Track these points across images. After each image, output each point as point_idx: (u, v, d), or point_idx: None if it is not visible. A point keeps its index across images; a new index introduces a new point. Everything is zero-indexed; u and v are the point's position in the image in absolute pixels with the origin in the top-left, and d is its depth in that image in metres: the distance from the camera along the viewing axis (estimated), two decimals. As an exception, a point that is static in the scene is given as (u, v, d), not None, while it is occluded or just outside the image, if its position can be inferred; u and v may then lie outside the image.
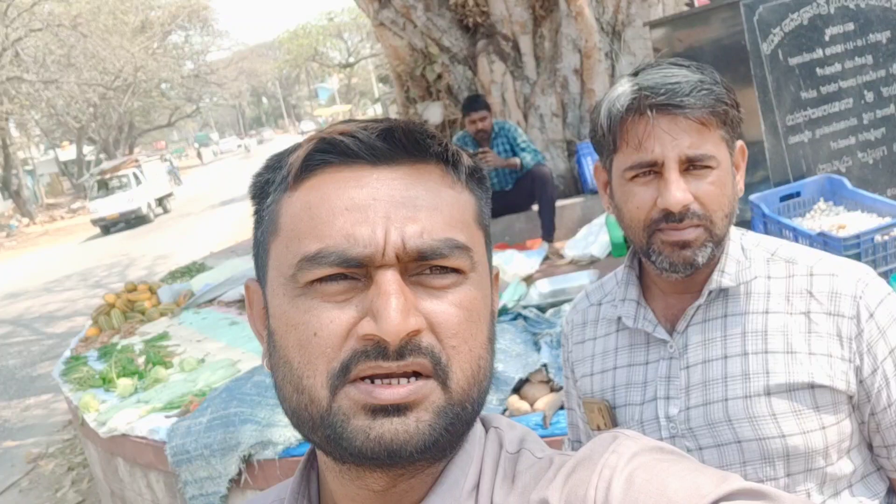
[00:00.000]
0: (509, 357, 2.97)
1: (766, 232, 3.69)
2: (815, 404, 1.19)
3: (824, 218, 3.59)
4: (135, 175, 27.86)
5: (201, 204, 28.02)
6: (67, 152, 45.24)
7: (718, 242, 1.21)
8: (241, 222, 18.24)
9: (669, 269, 1.21)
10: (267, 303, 0.70)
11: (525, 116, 6.70)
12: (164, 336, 5.66)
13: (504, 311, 3.58)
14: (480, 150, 5.68)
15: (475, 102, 5.82)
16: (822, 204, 3.67)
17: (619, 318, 1.34)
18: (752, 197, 3.75)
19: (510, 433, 0.73)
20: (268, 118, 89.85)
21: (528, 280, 4.70)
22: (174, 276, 8.18)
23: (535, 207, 5.79)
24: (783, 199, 3.71)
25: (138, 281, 7.05)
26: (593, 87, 6.21)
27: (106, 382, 4.76)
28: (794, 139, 3.87)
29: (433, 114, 6.92)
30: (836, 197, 3.67)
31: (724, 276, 1.24)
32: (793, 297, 1.23)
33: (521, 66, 6.72)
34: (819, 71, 3.88)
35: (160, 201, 29.61)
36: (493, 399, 2.84)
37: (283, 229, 0.68)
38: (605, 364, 1.36)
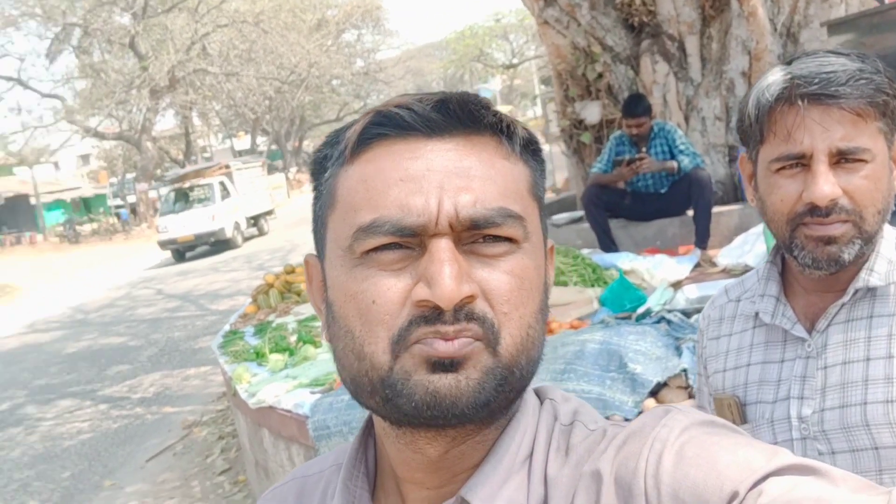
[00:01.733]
0: (649, 360, 2.87)
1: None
2: None
3: None
4: (222, 185, 22.60)
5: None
6: (242, 142, 48.09)
7: (868, 240, 1.15)
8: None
9: (812, 266, 1.15)
10: (325, 275, 0.72)
11: (686, 119, 6.47)
12: (316, 317, 5.85)
13: (647, 313, 3.45)
14: (637, 156, 5.54)
15: (635, 108, 5.69)
16: None
17: (757, 314, 1.29)
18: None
19: (564, 405, 0.75)
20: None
21: (677, 286, 4.52)
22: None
23: (690, 212, 5.57)
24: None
25: (298, 265, 7.34)
26: (762, 90, 5.89)
27: (259, 357, 4.98)
28: None
29: (591, 113, 6.81)
30: None
31: (873, 274, 1.17)
32: None
33: (686, 68, 6.50)
34: None
35: (255, 220, 24.40)
36: (628, 401, 2.75)
37: (339, 202, 0.70)
38: (739, 360, 1.31)
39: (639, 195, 5.80)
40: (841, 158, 1.11)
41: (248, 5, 30.64)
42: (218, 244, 21.09)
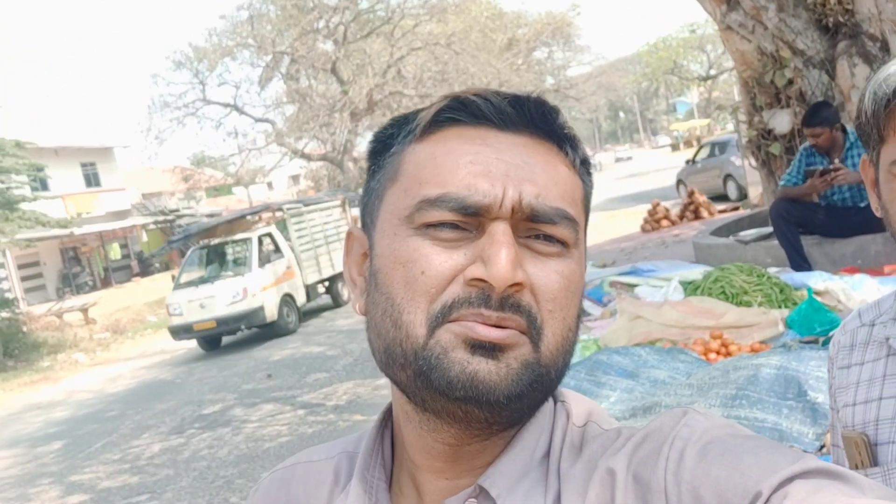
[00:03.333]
0: (833, 389, 2.63)
1: None
2: None
3: None
4: (268, 239, 15.53)
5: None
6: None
7: None
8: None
9: None
10: (373, 246, 0.73)
11: (892, 125, 5.92)
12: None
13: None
14: (832, 166, 5.15)
15: (813, 117, 5.35)
16: None
17: (888, 339, 1.13)
18: None
19: (577, 407, 0.74)
20: (623, 132, 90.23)
21: (878, 309, 4.14)
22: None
23: (898, 229, 5.08)
24: None
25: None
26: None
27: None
28: None
29: (781, 122, 6.41)
30: None
31: None
32: None
33: (890, 69, 5.92)
34: None
35: (329, 285, 16.66)
36: (809, 432, 2.55)
37: (403, 175, 0.71)
38: (871, 393, 1.15)
39: (834, 209, 5.39)
40: None
41: (440, 28, 31.62)
42: (260, 326, 14.35)
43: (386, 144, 0.75)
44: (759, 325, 4.01)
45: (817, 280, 4.55)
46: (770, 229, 5.96)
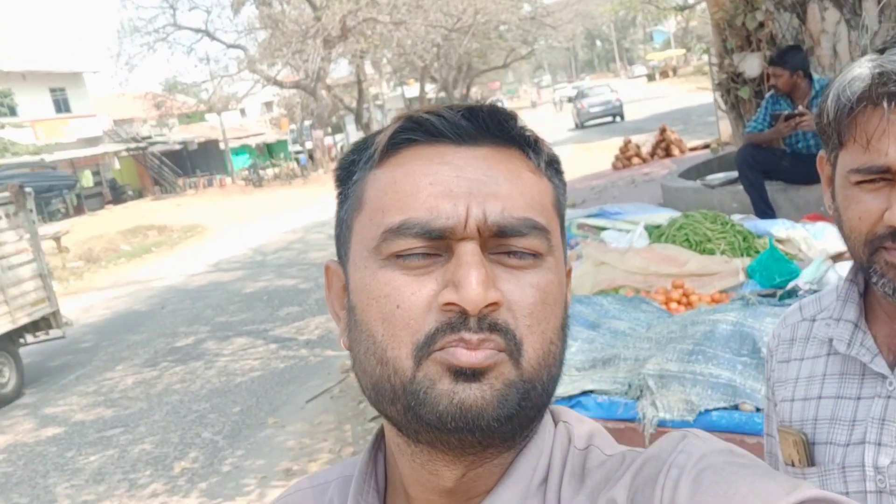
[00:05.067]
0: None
1: None
2: None
3: None
4: None
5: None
6: (412, 89, 48.85)
7: None
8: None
9: (893, 295, 1.00)
10: (348, 279, 0.72)
11: (861, 72, 5.92)
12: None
13: (792, 294, 3.26)
14: (798, 111, 5.17)
15: (777, 57, 5.40)
16: None
17: (832, 340, 1.13)
18: None
19: (579, 428, 0.73)
20: (599, 62, 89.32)
21: (837, 259, 4.22)
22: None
23: (861, 176, 5.14)
24: None
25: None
26: (953, 38, 5.30)
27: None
28: None
29: (750, 66, 6.39)
30: None
31: None
32: None
33: (860, 14, 5.89)
34: None
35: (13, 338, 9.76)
36: (762, 388, 2.61)
37: (367, 204, 0.70)
38: (810, 391, 1.16)
39: (799, 156, 5.42)
40: None
41: (416, -47, 30.81)
42: None
43: (349, 172, 0.75)
44: (721, 274, 4.08)
45: (780, 228, 4.61)
46: (737, 174, 6.01)
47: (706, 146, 11.50)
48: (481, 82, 57.68)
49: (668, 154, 11.95)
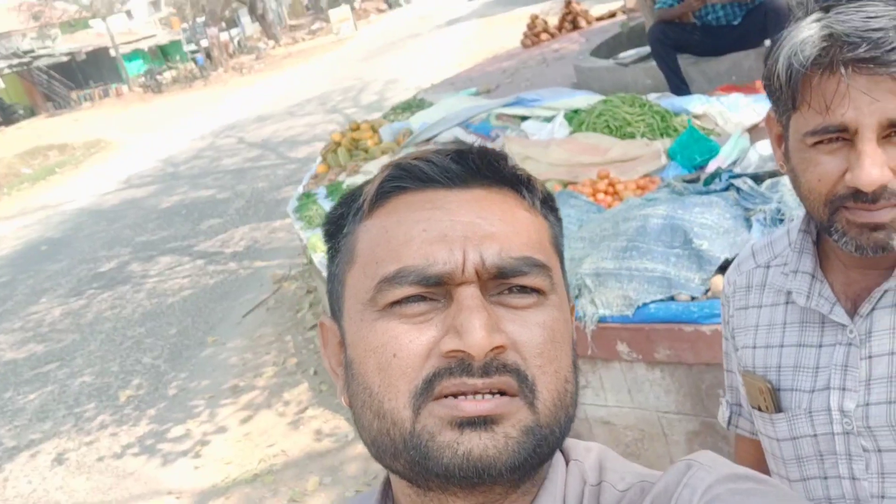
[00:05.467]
0: (716, 234, 2.80)
1: None
2: None
3: None
4: None
5: (429, 23, 28.04)
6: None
7: None
8: (465, 43, 18.23)
9: (855, 251, 1.02)
10: (344, 335, 0.70)
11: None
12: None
13: (715, 176, 3.36)
14: None
15: None
16: None
17: (790, 293, 1.16)
18: None
19: (587, 460, 0.71)
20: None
21: (753, 130, 4.35)
22: (395, 111, 8.43)
23: (768, 43, 5.22)
24: None
25: (363, 122, 7.35)
26: None
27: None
28: None
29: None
30: None
31: None
32: None
33: None
34: None
35: None
36: (695, 278, 2.74)
37: (359, 256, 0.69)
38: (771, 339, 1.19)
39: (710, 29, 5.47)
40: (891, 132, 0.95)
41: None
42: None
43: (338, 226, 0.73)
44: (643, 158, 4.17)
45: (696, 104, 4.70)
46: (649, 49, 6.03)
47: (612, 15, 11.42)
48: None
49: (575, 27, 11.85)
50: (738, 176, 3.16)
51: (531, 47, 11.98)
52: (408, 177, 0.68)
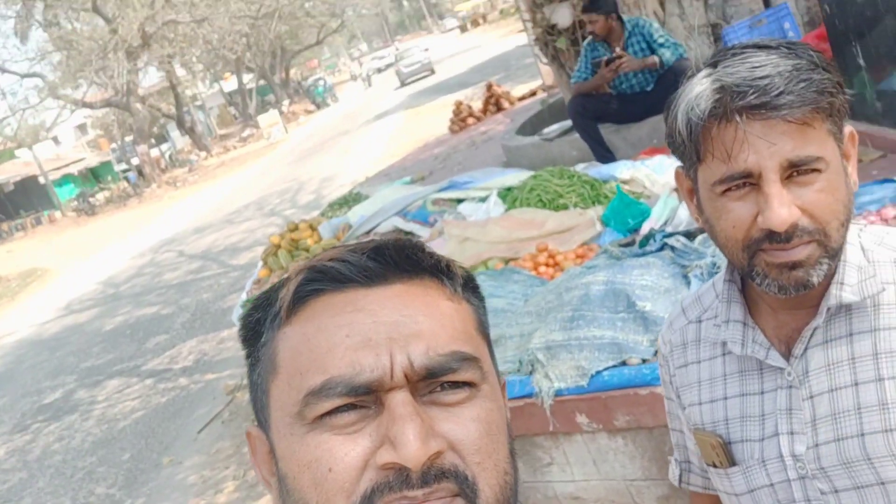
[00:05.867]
0: (657, 294, 2.85)
1: None
2: None
3: None
4: None
5: (357, 120, 28.53)
6: (230, 83, 47.36)
7: (835, 255, 1.03)
8: (395, 135, 18.54)
9: (779, 292, 1.04)
10: (273, 446, 0.68)
11: (662, 4, 6.25)
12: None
13: (650, 237, 3.44)
14: (616, 54, 5.40)
15: (588, 2, 5.59)
16: None
17: (725, 344, 1.17)
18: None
19: None
20: (411, 21, 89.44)
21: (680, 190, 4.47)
22: (333, 208, 8.48)
23: (681, 105, 5.44)
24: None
25: (301, 221, 7.37)
26: (736, -38, 5.67)
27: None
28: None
29: (561, 16, 6.59)
30: None
31: (845, 289, 1.06)
32: None
33: (656, -47, 6.19)
34: None
35: None
36: (643, 340, 2.76)
37: (282, 367, 0.66)
38: (714, 393, 1.20)
39: (625, 97, 5.68)
40: (793, 171, 0.99)
41: (204, -54, 29.66)
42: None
43: (255, 332, 0.70)
44: (579, 227, 4.25)
45: (622, 170, 4.84)
46: (571, 123, 6.23)
47: (533, 93, 11.81)
48: (298, 63, 56.60)
49: (499, 108, 12.21)
50: (671, 235, 3.24)
51: (459, 132, 12.28)
52: (324, 279, 0.66)
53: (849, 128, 1.07)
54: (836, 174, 1.02)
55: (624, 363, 2.71)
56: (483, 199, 5.43)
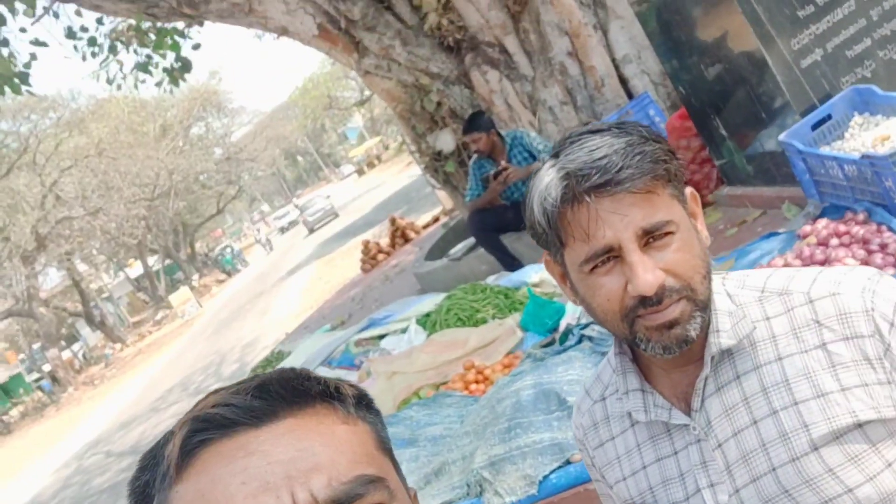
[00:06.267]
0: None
1: (809, 169, 3.49)
2: (871, 442, 1.05)
3: (865, 133, 3.37)
4: None
5: (270, 279, 28.39)
6: (135, 269, 46.76)
7: (705, 307, 1.10)
8: (309, 287, 18.49)
9: (664, 353, 1.09)
10: None
11: (534, 114, 6.56)
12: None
13: (568, 333, 3.46)
14: (501, 167, 5.60)
15: (469, 125, 5.80)
16: (857, 118, 3.46)
17: (630, 414, 1.21)
18: (782, 136, 3.56)
19: None
20: (308, 175, 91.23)
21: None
22: (257, 371, 8.28)
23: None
24: (815, 126, 3.51)
25: (232, 376, 7.15)
26: (593, 63, 6.04)
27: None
28: (807, 61, 3.66)
29: (445, 142, 6.85)
30: (870, 107, 3.45)
31: (721, 335, 1.11)
32: (801, 333, 1.09)
33: (515, 67, 6.57)
34: (808, -17, 3.66)
35: None
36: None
37: None
38: (634, 464, 1.23)
39: (518, 205, 5.83)
40: (648, 238, 1.06)
41: (85, 139, 29.86)
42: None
43: (145, 496, 0.66)
44: (501, 338, 4.25)
45: (531, 274, 4.91)
46: (474, 240, 6.34)
47: (436, 220, 12.05)
48: (202, 235, 56.55)
49: (406, 240, 12.40)
50: (586, 325, 3.27)
51: (371, 270, 12.34)
52: (210, 427, 0.63)
53: (689, 189, 1.16)
54: (688, 232, 1.10)
55: (568, 461, 2.66)
56: (404, 331, 5.40)
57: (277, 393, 0.64)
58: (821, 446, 1.06)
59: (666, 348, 1.08)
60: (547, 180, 1.09)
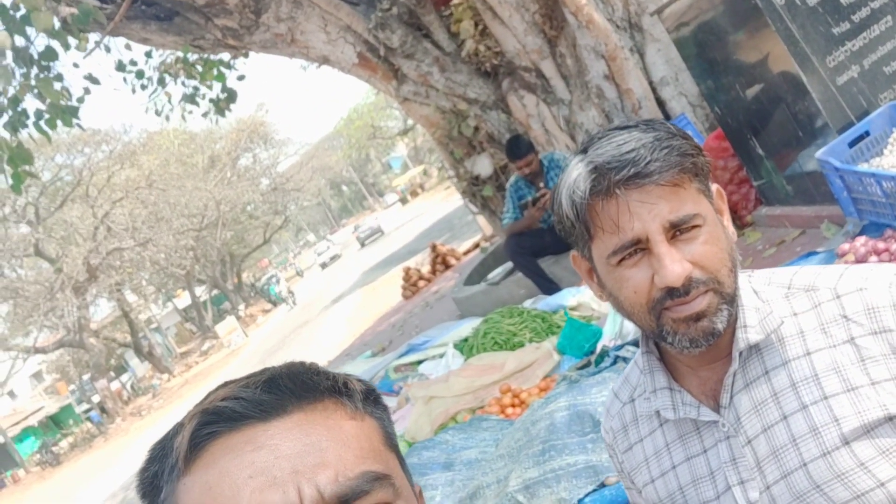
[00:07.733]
0: (618, 407, 2.80)
1: (846, 187, 3.43)
2: None
3: (904, 149, 3.31)
4: None
5: (315, 308, 28.59)
6: (184, 299, 47.49)
7: (732, 300, 1.10)
8: (353, 315, 18.58)
9: (691, 346, 1.09)
10: None
11: (572, 137, 6.56)
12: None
13: (604, 355, 3.43)
14: (538, 193, 5.60)
15: (517, 149, 5.73)
16: (896, 135, 3.40)
17: (658, 413, 1.21)
18: (819, 154, 3.51)
19: None
20: (353, 204, 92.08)
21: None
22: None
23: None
24: (852, 144, 3.45)
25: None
26: (630, 86, 6.02)
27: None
28: (843, 78, 3.61)
29: (482, 166, 6.88)
30: (909, 122, 3.39)
31: (749, 330, 1.11)
32: (830, 328, 1.09)
33: (552, 91, 6.59)
34: (843, 1, 3.62)
35: None
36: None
37: None
38: (663, 465, 1.22)
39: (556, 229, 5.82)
40: (675, 231, 1.07)
41: (136, 171, 30.56)
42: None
43: (153, 487, 0.66)
44: (538, 361, 4.22)
45: (568, 297, 4.89)
46: (512, 264, 6.33)
47: (476, 245, 12.05)
48: (249, 265, 57.29)
49: (447, 266, 12.42)
50: (621, 347, 3.24)
51: (412, 297, 12.37)
52: (219, 420, 0.63)
53: (715, 185, 1.17)
54: (715, 226, 1.11)
55: (603, 484, 2.62)
56: (442, 355, 5.40)
57: (286, 387, 0.65)
58: (852, 440, 1.05)
59: (693, 341, 1.08)
60: (575, 174, 1.10)
